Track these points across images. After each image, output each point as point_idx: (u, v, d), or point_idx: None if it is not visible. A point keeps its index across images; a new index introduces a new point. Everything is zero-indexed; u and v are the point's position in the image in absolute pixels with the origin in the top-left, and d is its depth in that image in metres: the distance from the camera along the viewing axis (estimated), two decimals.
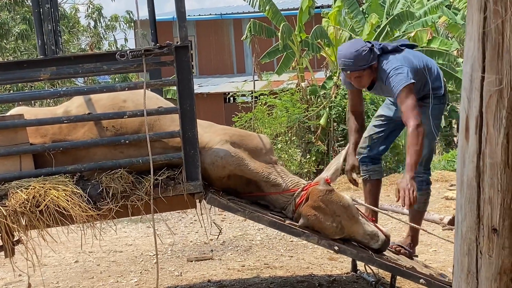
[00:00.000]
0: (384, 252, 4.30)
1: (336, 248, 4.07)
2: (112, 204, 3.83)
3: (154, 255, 6.50)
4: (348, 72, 4.34)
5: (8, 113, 4.24)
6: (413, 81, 4.15)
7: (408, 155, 4.11)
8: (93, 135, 4.05)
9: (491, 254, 1.59)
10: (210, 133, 4.19)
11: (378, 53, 4.30)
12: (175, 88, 3.99)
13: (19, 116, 3.94)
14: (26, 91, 12.14)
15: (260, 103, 14.23)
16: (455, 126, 19.77)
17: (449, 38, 17.45)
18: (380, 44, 4.39)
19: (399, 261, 4.29)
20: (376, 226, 4.27)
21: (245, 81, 17.64)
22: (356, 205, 4.26)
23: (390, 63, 4.24)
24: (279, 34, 14.09)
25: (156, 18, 4.86)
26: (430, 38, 14.54)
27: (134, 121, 4.06)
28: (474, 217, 1.60)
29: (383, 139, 4.81)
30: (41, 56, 4.14)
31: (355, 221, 4.13)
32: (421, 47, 14.13)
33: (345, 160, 4.48)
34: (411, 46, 4.57)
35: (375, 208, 4.73)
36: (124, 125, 4.07)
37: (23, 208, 3.65)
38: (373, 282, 4.81)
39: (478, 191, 1.59)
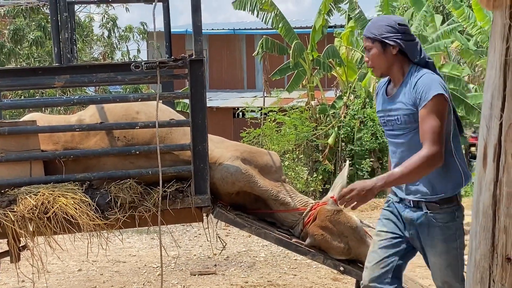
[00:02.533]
0: None
1: (341, 268, 4.05)
2: (119, 214, 3.83)
3: (157, 267, 6.49)
4: (363, 36, 3.39)
5: (22, 119, 4.26)
6: (449, 102, 3.15)
7: (400, 169, 3.07)
8: (104, 144, 4.06)
9: (504, 283, 1.58)
10: (221, 149, 4.20)
11: (417, 59, 3.28)
12: (185, 101, 4.01)
13: (32, 122, 3.96)
14: (37, 97, 12.21)
15: (269, 120, 14.27)
16: (464, 152, 19.71)
17: (461, 63, 17.47)
18: (429, 58, 3.38)
19: (404, 285, 4.26)
20: None
21: (255, 97, 17.70)
22: (363, 227, 4.24)
23: (425, 71, 3.23)
24: (291, 51, 14.15)
25: None
26: (444, 62, 14.57)
27: (146, 133, 4.07)
28: (489, 246, 1.59)
29: (395, 269, 3.33)
30: (57, 64, 4.17)
31: (362, 242, 4.11)
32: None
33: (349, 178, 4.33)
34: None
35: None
36: (136, 136, 4.08)
37: (31, 214, 3.66)
38: None
39: (493, 219, 1.58)
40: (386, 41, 3.25)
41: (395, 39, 3.23)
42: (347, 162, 4.34)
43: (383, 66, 3.32)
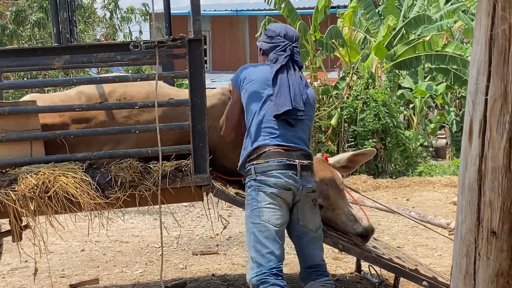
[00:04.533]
0: (385, 254, 4.31)
1: (340, 246, 4.08)
2: (120, 193, 3.86)
3: (159, 247, 6.54)
4: None
5: (22, 99, 4.29)
6: (233, 82, 3.86)
7: None
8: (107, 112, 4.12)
9: (489, 256, 1.61)
10: None
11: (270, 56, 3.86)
12: (187, 81, 4.01)
13: (32, 102, 3.99)
14: (40, 78, 12.23)
15: None
16: None
17: (464, 43, 17.38)
18: (296, 56, 3.86)
19: (403, 263, 4.30)
20: (364, 214, 4.34)
21: None
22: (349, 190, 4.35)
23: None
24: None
25: (172, 12, 4.89)
26: (446, 42, 14.49)
27: (140, 92, 4.14)
28: (474, 220, 1.62)
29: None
30: (56, 44, 4.18)
31: (341, 196, 4.21)
32: (436, 51, 14.09)
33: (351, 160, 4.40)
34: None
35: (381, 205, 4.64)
36: (132, 96, 4.16)
37: (32, 193, 3.69)
38: (376, 283, 4.83)
39: (479, 194, 1.61)
40: (257, 43, 4.00)
41: (260, 42, 3.94)
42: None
43: None
